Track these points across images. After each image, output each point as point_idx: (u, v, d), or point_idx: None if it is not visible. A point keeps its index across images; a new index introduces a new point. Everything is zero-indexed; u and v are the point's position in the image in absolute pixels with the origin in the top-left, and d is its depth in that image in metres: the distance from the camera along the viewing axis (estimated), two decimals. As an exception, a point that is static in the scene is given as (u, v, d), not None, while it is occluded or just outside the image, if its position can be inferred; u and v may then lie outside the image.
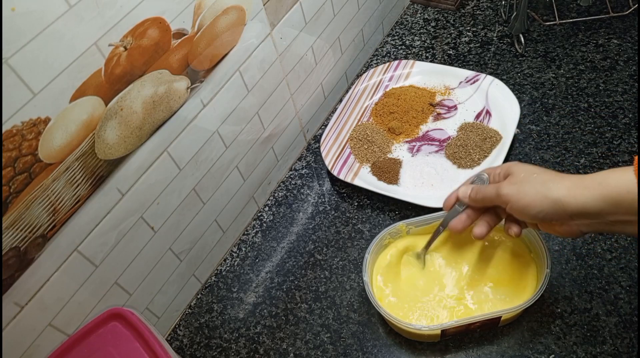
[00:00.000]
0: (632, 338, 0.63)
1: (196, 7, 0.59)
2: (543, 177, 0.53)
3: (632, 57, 0.92)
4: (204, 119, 0.66)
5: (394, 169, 0.83)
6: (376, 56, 1.06)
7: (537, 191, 0.52)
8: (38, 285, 0.53)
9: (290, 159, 0.91)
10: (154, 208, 0.64)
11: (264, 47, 0.73)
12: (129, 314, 0.55)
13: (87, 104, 0.51)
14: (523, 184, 0.54)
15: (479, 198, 0.59)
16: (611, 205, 0.48)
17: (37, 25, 0.44)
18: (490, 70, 0.96)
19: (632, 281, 0.68)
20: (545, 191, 0.52)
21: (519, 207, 0.54)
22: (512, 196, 0.54)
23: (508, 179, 0.56)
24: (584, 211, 0.49)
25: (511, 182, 0.55)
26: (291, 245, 0.81)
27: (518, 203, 0.54)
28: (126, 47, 0.52)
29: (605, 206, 0.48)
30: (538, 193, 0.52)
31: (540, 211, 0.52)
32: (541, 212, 0.52)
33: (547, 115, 0.87)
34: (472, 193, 0.60)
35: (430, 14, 1.11)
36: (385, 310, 0.63)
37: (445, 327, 0.62)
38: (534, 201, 0.52)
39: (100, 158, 0.54)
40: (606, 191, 0.48)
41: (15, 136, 0.46)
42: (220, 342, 0.73)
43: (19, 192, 0.48)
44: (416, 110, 0.90)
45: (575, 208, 0.50)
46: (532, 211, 0.53)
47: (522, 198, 0.53)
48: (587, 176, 0.50)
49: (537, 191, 0.52)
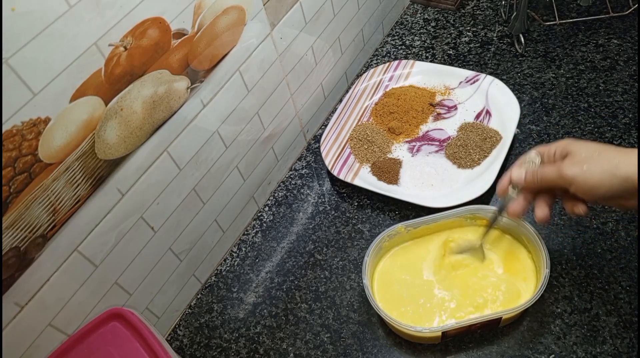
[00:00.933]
0: (632, 338, 0.63)
1: (196, 7, 0.59)
2: (607, 154, 0.51)
3: (632, 57, 0.92)
4: (204, 119, 0.67)
5: (394, 169, 0.83)
6: (376, 56, 1.06)
7: (604, 169, 0.50)
8: (38, 285, 0.53)
9: (290, 159, 0.91)
10: (154, 208, 0.64)
11: (264, 47, 0.73)
12: (129, 314, 0.55)
13: (87, 104, 0.51)
14: (588, 163, 0.51)
15: (537, 181, 0.56)
16: None
17: (37, 25, 0.44)
18: (490, 70, 0.96)
19: (632, 281, 0.68)
20: (613, 169, 0.49)
21: (586, 188, 0.51)
22: (577, 177, 0.51)
23: (569, 159, 0.53)
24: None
25: (573, 162, 0.53)
26: (291, 245, 0.81)
27: (585, 183, 0.51)
28: (126, 47, 0.52)
29: None
30: (605, 171, 0.50)
31: (609, 190, 0.50)
32: (610, 191, 0.50)
33: (547, 115, 0.87)
34: (528, 176, 0.57)
35: (430, 14, 1.11)
36: (385, 313, 0.63)
37: (446, 328, 0.62)
38: (602, 180, 0.50)
39: (100, 158, 0.54)
40: None
41: (15, 136, 0.46)
42: (220, 342, 0.73)
43: (19, 192, 0.48)
44: (416, 110, 0.90)
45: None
46: (601, 191, 0.50)
47: (589, 178, 0.51)
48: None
49: (604, 169, 0.50)
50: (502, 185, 0.61)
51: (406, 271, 0.70)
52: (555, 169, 0.54)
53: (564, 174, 0.53)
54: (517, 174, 0.59)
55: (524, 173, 0.58)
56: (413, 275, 0.69)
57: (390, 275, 0.70)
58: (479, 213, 0.70)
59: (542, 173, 0.56)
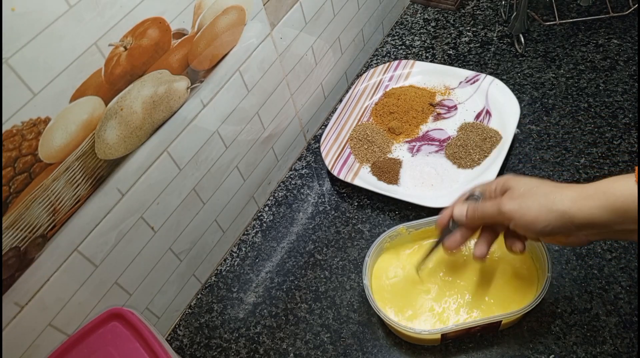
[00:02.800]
0: (632, 338, 0.63)
1: (196, 7, 0.59)
2: (544, 189, 0.51)
3: (632, 57, 0.92)
4: (204, 119, 0.67)
5: (394, 169, 0.83)
6: (376, 56, 1.06)
7: (541, 204, 0.50)
8: (38, 285, 0.53)
9: (290, 159, 0.91)
10: (154, 208, 0.64)
11: (264, 47, 0.73)
12: (129, 314, 0.55)
13: (87, 104, 0.51)
14: (525, 199, 0.52)
15: (477, 217, 0.57)
16: (618, 215, 0.46)
17: (37, 25, 0.44)
18: (490, 70, 0.96)
19: (632, 281, 0.68)
20: (549, 205, 0.50)
21: (524, 223, 0.52)
22: (515, 212, 0.52)
23: (508, 195, 0.54)
24: (591, 222, 0.48)
25: (512, 197, 0.53)
26: (291, 245, 0.81)
27: (522, 218, 0.51)
28: (126, 47, 0.52)
29: (612, 217, 0.47)
30: (542, 206, 0.50)
31: (547, 226, 0.50)
32: (547, 226, 0.50)
33: (547, 115, 0.87)
34: (469, 212, 0.58)
35: (430, 14, 1.11)
36: (385, 314, 0.63)
37: (446, 331, 0.62)
38: (539, 215, 0.50)
39: (100, 158, 0.54)
40: (611, 201, 0.46)
41: (15, 136, 0.46)
42: (220, 342, 0.73)
43: (19, 192, 0.48)
44: (416, 110, 0.90)
45: (582, 219, 0.48)
46: (539, 226, 0.50)
47: (526, 213, 0.51)
48: (589, 186, 0.48)
49: (541, 204, 0.50)
50: (442, 219, 0.61)
51: (407, 272, 0.70)
52: (495, 204, 0.54)
53: (502, 209, 0.53)
54: (459, 210, 0.59)
55: (466, 210, 0.58)
56: (413, 277, 0.69)
57: (391, 275, 0.70)
58: None
59: (483, 208, 0.56)
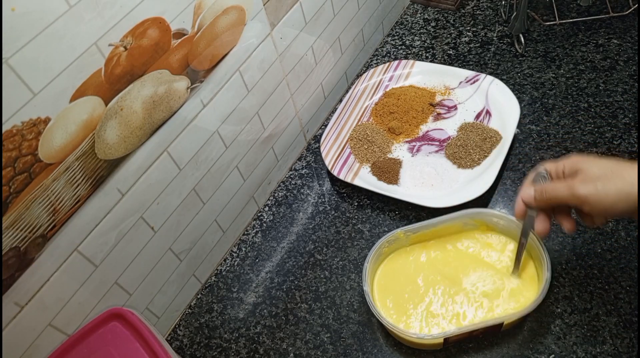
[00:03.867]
0: (632, 338, 0.63)
1: (196, 7, 0.59)
2: (622, 172, 0.49)
3: (632, 57, 0.92)
4: (204, 119, 0.67)
5: (394, 169, 0.83)
6: (376, 56, 1.06)
7: (619, 189, 0.48)
8: (38, 285, 0.53)
9: (290, 159, 0.91)
10: (154, 208, 0.64)
11: (264, 47, 0.73)
12: (129, 314, 0.55)
13: (87, 104, 0.51)
14: (602, 182, 0.49)
15: (547, 199, 0.55)
16: None
17: (37, 25, 0.44)
18: (490, 70, 0.96)
19: (632, 281, 0.68)
20: (629, 188, 0.47)
21: (600, 208, 0.50)
22: (591, 196, 0.49)
23: (581, 178, 0.51)
24: None
25: (585, 181, 0.50)
26: (291, 245, 0.81)
27: (600, 203, 0.49)
28: (126, 47, 0.52)
29: None
30: (621, 191, 0.48)
31: (626, 210, 0.48)
32: (627, 210, 0.48)
33: (547, 115, 0.87)
34: (537, 195, 0.55)
35: (430, 14, 1.11)
36: (386, 320, 0.63)
37: (448, 335, 0.62)
38: (618, 201, 0.48)
39: (100, 158, 0.54)
40: None
41: (15, 136, 0.46)
42: (220, 342, 0.73)
43: (19, 192, 0.48)
44: (416, 110, 0.90)
45: None
46: (617, 211, 0.49)
47: (603, 198, 0.49)
48: None
49: (619, 189, 0.48)
50: (518, 208, 0.59)
51: (407, 276, 0.70)
52: (566, 187, 0.52)
53: (576, 193, 0.51)
54: (526, 194, 0.57)
55: (533, 192, 0.56)
56: (414, 281, 0.69)
57: (391, 280, 0.70)
58: (478, 217, 0.70)
59: (553, 190, 0.54)
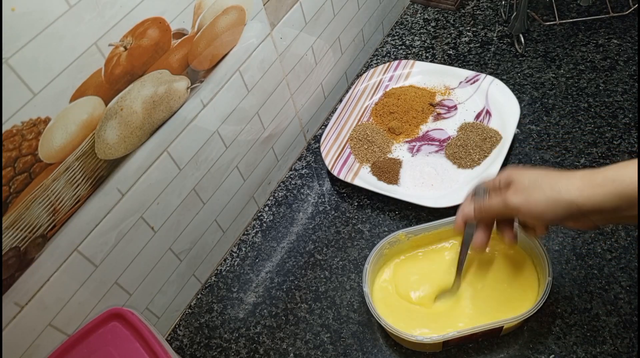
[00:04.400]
0: (632, 338, 0.63)
1: (196, 7, 0.59)
2: (549, 180, 0.51)
3: (632, 57, 0.92)
4: (204, 119, 0.67)
5: (394, 169, 0.83)
6: (376, 56, 1.06)
7: (548, 196, 0.50)
8: (38, 285, 0.53)
9: (290, 159, 0.91)
10: (154, 208, 0.64)
11: (264, 47, 0.73)
12: (129, 314, 0.55)
13: (87, 104, 0.51)
14: (531, 192, 0.52)
15: (485, 213, 0.58)
16: (628, 202, 0.46)
17: (37, 25, 0.44)
18: (490, 70, 0.96)
19: (632, 281, 0.68)
20: (556, 196, 0.50)
21: (532, 216, 0.52)
22: (521, 206, 0.52)
23: (512, 189, 0.54)
24: (599, 209, 0.48)
25: (516, 191, 0.53)
26: (291, 245, 0.81)
27: (530, 212, 0.52)
28: (126, 47, 0.52)
29: (622, 203, 0.47)
30: (549, 198, 0.50)
31: (556, 216, 0.50)
32: (556, 217, 0.50)
33: (547, 115, 0.87)
34: (476, 211, 0.58)
35: (430, 14, 1.11)
36: (386, 322, 0.63)
37: (448, 338, 0.61)
38: (547, 207, 0.50)
39: (100, 158, 0.54)
40: (621, 189, 0.46)
41: (15, 136, 0.46)
42: (220, 342, 0.73)
43: (19, 192, 0.48)
44: (416, 110, 0.90)
45: (590, 207, 0.48)
46: (547, 218, 0.51)
47: (533, 206, 0.51)
48: (596, 172, 0.48)
49: (548, 196, 0.50)
50: (457, 223, 0.62)
51: (407, 278, 0.70)
52: (500, 199, 0.55)
53: (508, 203, 0.53)
54: (468, 210, 0.59)
55: (473, 208, 0.59)
56: (414, 283, 0.69)
57: (391, 282, 0.70)
58: None
59: (490, 204, 0.57)
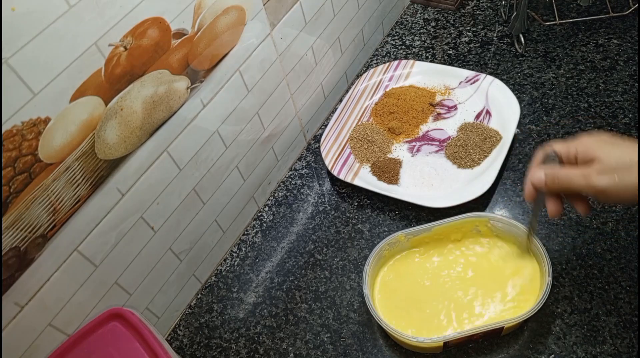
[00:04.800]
0: (632, 338, 0.63)
1: (196, 7, 0.59)
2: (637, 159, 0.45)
3: (632, 57, 0.92)
4: (204, 119, 0.67)
5: (394, 169, 0.83)
6: (376, 56, 1.06)
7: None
8: (38, 285, 0.53)
9: (290, 159, 0.91)
10: (154, 208, 0.64)
11: (264, 47, 0.73)
12: (129, 314, 0.55)
13: (87, 104, 0.51)
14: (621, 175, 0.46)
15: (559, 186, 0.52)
16: None
17: (37, 25, 0.44)
18: (490, 70, 0.96)
19: (632, 281, 0.68)
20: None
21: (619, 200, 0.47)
22: (610, 189, 0.47)
23: (598, 168, 0.48)
24: None
25: (603, 171, 0.47)
26: (291, 245, 0.81)
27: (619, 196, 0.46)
28: (126, 47, 0.52)
29: None
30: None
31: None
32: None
33: (547, 115, 0.87)
34: (548, 181, 0.52)
35: (430, 14, 1.11)
36: (386, 323, 0.63)
37: (448, 339, 0.61)
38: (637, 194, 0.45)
39: (100, 158, 0.54)
40: None
41: (15, 136, 0.46)
42: (220, 342, 0.73)
43: (19, 192, 0.48)
44: (416, 110, 0.90)
45: None
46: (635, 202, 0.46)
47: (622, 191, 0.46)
48: None
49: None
50: (528, 191, 0.57)
51: (407, 279, 0.70)
52: (582, 176, 0.49)
53: (593, 184, 0.48)
54: (537, 177, 0.54)
55: (544, 177, 0.53)
56: (414, 284, 0.69)
57: (391, 283, 0.69)
58: (479, 220, 0.70)
59: (567, 178, 0.51)
